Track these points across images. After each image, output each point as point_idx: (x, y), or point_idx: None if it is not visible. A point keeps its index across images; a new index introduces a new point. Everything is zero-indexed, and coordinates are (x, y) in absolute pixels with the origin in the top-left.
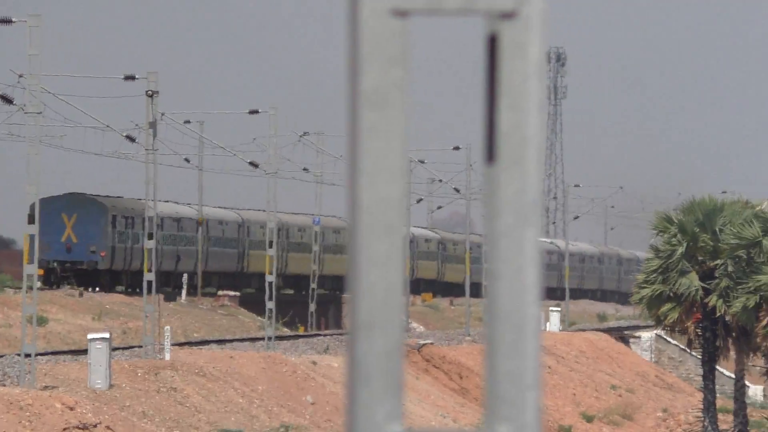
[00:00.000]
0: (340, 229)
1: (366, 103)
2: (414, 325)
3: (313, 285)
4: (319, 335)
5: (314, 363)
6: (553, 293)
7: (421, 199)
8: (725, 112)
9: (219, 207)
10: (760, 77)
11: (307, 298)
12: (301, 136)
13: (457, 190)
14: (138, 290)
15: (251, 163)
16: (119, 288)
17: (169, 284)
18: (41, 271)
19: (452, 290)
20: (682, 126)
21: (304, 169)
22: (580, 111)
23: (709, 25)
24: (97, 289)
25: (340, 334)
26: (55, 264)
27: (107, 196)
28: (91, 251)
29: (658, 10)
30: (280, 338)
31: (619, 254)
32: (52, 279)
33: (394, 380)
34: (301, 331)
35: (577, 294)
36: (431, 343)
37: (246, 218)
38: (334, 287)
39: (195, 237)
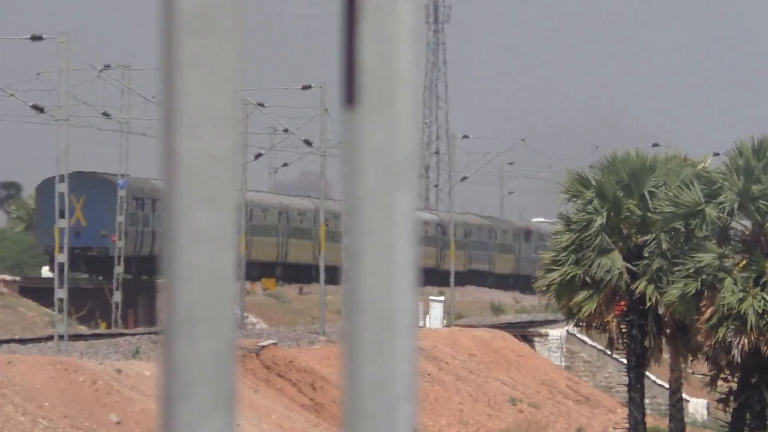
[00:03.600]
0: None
1: (185, 29)
2: (252, 320)
3: (119, 267)
4: (126, 334)
5: (119, 371)
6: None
7: (260, 155)
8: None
9: None
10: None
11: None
12: (101, 71)
13: (309, 143)
14: None
15: (34, 107)
16: None
17: None
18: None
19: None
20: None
21: (105, 114)
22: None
23: None
24: None
25: (154, 333)
26: None
27: (114, 175)
28: (102, 235)
29: None
30: (75, 338)
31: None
32: None
33: (224, 392)
34: (102, 329)
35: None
36: (274, 344)
37: None
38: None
39: None
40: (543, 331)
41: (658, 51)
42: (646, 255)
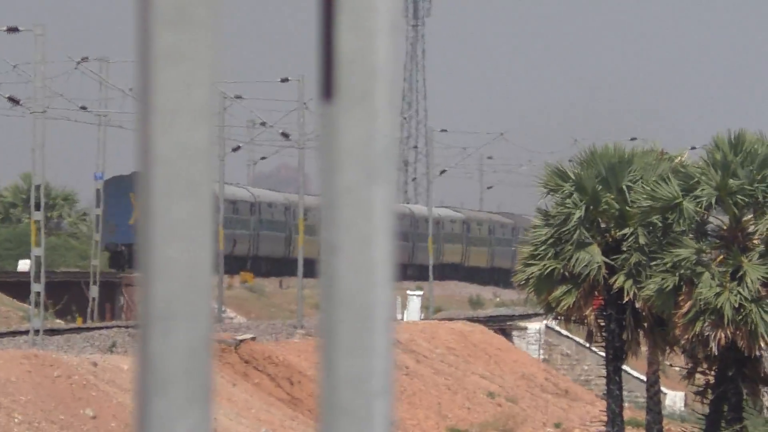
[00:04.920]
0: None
1: (162, 21)
2: (230, 314)
3: (95, 262)
4: (103, 328)
5: (95, 365)
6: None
7: (238, 147)
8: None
9: None
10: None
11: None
12: (78, 63)
13: (286, 136)
14: None
15: (10, 99)
16: None
17: None
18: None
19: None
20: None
21: (82, 107)
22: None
23: None
24: None
25: (130, 327)
26: (123, 248)
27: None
28: None
29: None
30: (50, 332)
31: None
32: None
33: (200, 386)
34: (79, 323)
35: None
36: (253, 339)
37: None
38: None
39: None
40: (522, 324)
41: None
42: (625, 249)
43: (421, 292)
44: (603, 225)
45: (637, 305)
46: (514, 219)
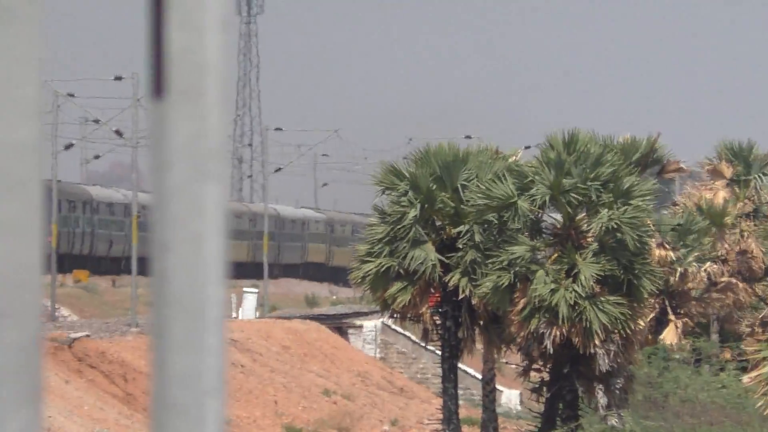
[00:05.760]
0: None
1: None
2: (63, 312)
3: None
4: None
5: None
6: (243, 271)
7: (71, 145)
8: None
9: None
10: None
11: None
12: None
13: (120, 134)
14: None
15: None
16: None
17: None
18: None
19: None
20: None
21: None
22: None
23: None
24: None
25: None
26: None
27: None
28: None
29: None
30: None
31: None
32: None
33: (31, 385)
34: None
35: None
36: (86, 336)
37: None
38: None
39: None
40: (358, 322)
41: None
42: (460, 247)
43: (256, 290)
44: (438, 223)
45: (473, 303)
46: None
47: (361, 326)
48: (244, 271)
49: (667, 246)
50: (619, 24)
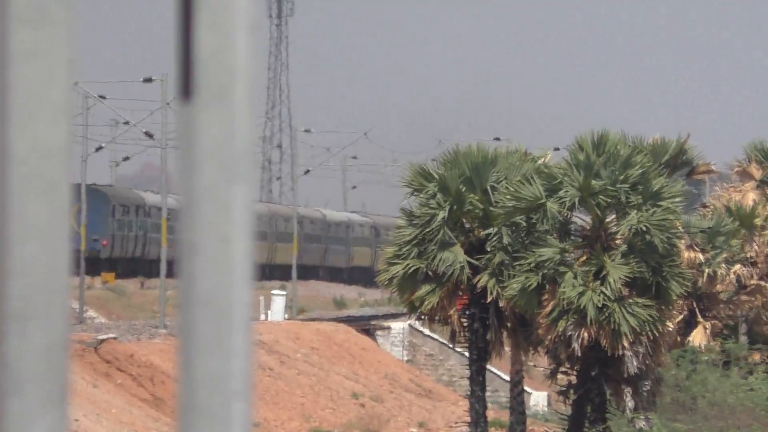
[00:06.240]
0: None
1: (19, 19)
2: (91, 314)
3: None
4: None
5: None
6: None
7: (101, 147)
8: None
9: None
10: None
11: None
12: None
13: (150, 135)
14: None
15: None
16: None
17: None
18: None
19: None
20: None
21: None
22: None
23: None
24: None
25: None
26: None
27: (107, 186)
28: (93, 239)
29: None
30: None
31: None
32: None
33: (57, 386)
34: None
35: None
36: (114, 338)
37: None
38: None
39: None
40: (385, 324)
41: (500, 46)
42: (488, 249)
43: (284, 293)
44: (467, 225)
45: (501, 305)
46: None
47: (389, 328)
48: (289, 272)
49: (696, 248)
50: (649, 25)
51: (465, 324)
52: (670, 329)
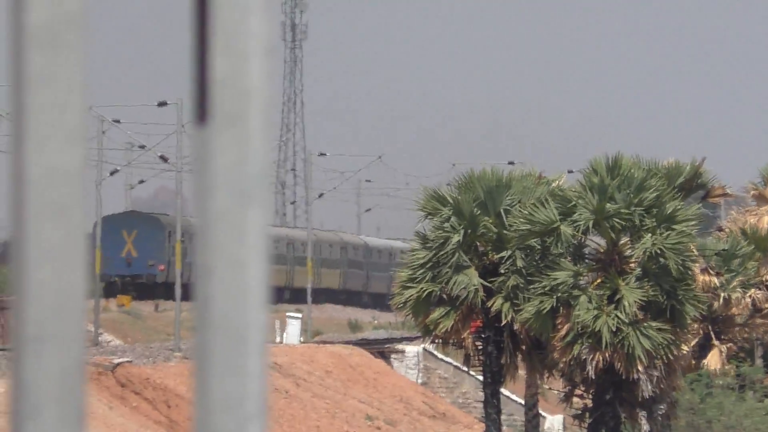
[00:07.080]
0: None
1: (33, 44)
2: (107, 337)
3: None
4: None
5: None
6: (334, 296)
7: (116, 171)
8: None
9: None
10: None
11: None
12: None
13: (165, 159)
14: None
15: None
16: None
17: None
18: None
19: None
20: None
21: None
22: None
23: None
24: None
25: (4, 350)
26: (116, 278)
27: (163, 214)
28: (150, 265)
29: None
30: None
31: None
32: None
33: (73, 409)
34: None
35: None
36: (129, 362)
37: None
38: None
39: None
40: (400, 348)
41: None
42: (503, 272)
43: (300, 315)
44: (481, 248)
45: (515, 328)
46: None
47: (403, 351)
48: (334, 296)
49: (711, 272)
50: (665, 48)
51: (479, 347)
52: (685, 352)
